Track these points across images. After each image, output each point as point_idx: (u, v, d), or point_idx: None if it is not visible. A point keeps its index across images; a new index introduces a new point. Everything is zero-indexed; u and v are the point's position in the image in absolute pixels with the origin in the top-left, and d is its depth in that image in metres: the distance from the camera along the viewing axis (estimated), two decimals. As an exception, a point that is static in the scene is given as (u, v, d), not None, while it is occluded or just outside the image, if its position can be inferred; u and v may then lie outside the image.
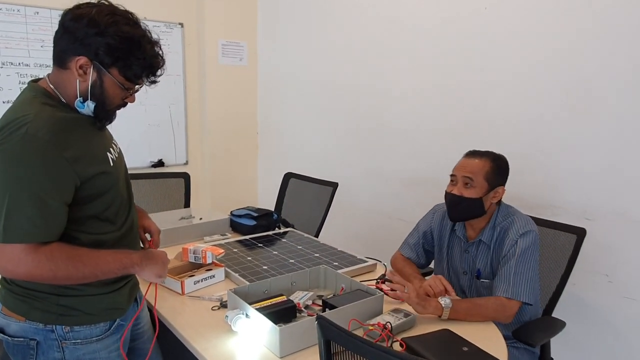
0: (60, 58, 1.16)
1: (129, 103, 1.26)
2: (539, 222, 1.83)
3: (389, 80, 2.89)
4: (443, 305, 1.48)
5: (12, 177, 1.05)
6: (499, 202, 1.73)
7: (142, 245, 1.48)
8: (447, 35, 2.54)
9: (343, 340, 0.86)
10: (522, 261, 1.58)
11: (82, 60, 1.13)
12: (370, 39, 2.98)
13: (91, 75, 1.14)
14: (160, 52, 1.22)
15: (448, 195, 1.71)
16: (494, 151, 1.73)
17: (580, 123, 2.05)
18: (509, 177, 1.74)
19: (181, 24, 3.72)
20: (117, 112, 1.26)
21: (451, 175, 1.72)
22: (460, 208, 1.68)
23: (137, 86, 1.23)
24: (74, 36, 1.12)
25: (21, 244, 1.06)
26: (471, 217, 1.70)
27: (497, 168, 1.67)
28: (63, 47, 1.15)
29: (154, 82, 1.24)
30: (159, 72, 1.23)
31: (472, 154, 1.72)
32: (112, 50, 1.13)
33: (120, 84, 1.18)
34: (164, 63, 1.23)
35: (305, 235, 2.29)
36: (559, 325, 1.69)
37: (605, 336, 2.06)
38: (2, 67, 3.08)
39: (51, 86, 1.18)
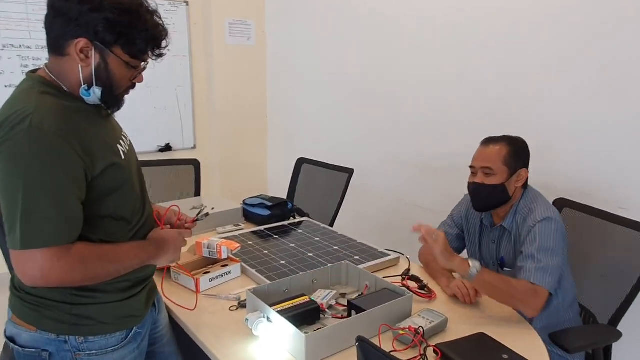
0: (57, 44, 1.04)
1: (137, 84, 1.14)
2: (607, 217, 1.67)
3: (405, 62, 2.76)
4: (470, 266, 1.38)
5: (23, 176, 0.94)
6: (525, 187, 1.65)
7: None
8: (466, 18, 2.39)
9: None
10: (543, 249, 1.48)
11: (82, 42, 1.01)
12: (386, 19, 2.83)
13: (94, 58, 1.03)
14: (161, 22, 1.10)
15: (470, 185, 1.65)
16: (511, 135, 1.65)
17: (612, 105, 1.93)
18: (533, 164, 1.64)
19: (186, 2, 3.57)
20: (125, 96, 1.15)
21: (470, 167, 1.66)
22: (483, 196, 1.62)
23: (143, 63, 1.12)
24: (68, 17, 1.00)
25: (49, 249, 0.96)
26: (496, 204, 1.63)
27: (514, 151, 1.60)
28: (58, 32, 1.03)
29: (160, 55, 1.12)
30: (164, 44, 1.12)
31: (488, 141, 1.65)
32: (112, 25, 1.01)
33: (126, 63, 1.06)
34: (167, 33, 1.11)
35: (322, 225, 2.19)
36: (609, 334, 1.53)
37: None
38: (2, 50, 2.96)
39: (51, 75, 1.07)
